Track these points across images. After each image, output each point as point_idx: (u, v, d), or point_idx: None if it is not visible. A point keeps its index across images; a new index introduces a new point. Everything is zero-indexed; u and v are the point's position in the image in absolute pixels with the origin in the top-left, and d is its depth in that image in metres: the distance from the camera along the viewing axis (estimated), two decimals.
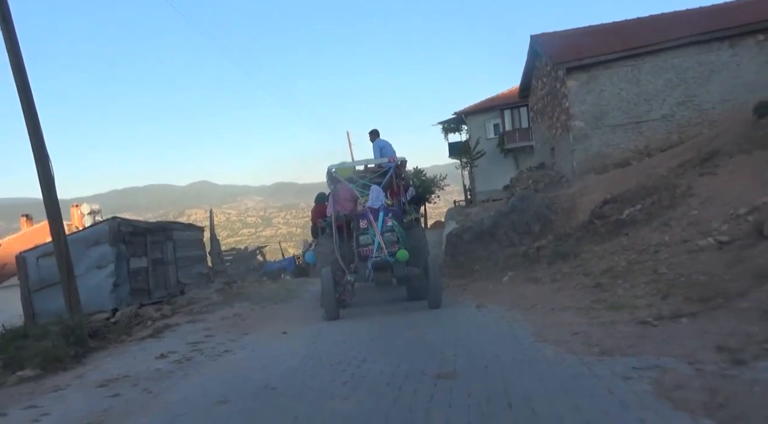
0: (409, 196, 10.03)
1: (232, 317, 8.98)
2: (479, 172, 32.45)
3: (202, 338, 6.77)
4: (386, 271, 7.89)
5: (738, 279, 4.55)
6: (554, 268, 9.00)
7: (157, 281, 13.26)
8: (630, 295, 5.37)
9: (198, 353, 5.69)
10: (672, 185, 9.79)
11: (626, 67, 15.27)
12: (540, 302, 6.71)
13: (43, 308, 11.50)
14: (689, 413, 2.41)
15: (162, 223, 14.92)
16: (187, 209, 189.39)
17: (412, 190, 10.49)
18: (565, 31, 18.11)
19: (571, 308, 5.65)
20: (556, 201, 13.71)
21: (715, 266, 5.28)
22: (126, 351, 6.37)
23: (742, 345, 3.11)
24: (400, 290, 9.18)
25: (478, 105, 34.07)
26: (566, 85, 15.77)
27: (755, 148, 9.33)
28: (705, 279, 4.96)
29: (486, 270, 11.53)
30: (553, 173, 17.87)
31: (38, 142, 8.15)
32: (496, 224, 13.89)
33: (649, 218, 9.16)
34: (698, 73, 14.90)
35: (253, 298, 12.24)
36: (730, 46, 14.66)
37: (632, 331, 4.06)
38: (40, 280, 11.56)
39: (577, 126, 15.72)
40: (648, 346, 3.52)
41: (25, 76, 8.31)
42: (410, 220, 9.31)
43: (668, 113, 15.17)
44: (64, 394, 4.36)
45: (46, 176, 8.02)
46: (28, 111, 8.21)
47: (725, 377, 2.75)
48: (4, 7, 7.99)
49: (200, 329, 7.64)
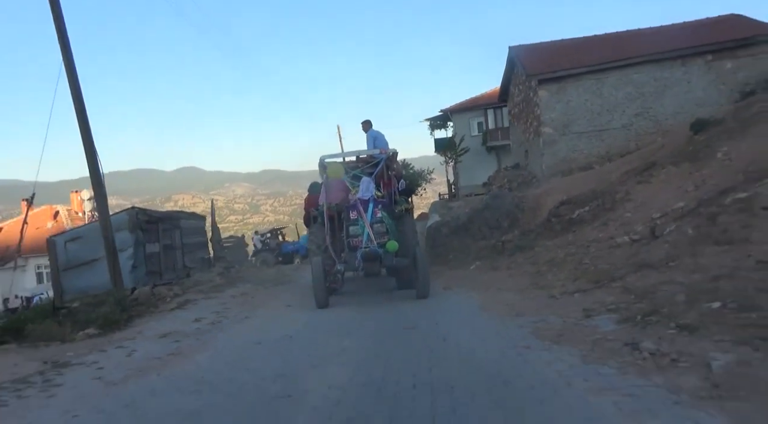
0: (401, 188, 10.05)
1: (240, 296, 10.61)
2: (463, 168, 34.08)
3: (222, 310, 8.41)
4: (375, 261, 7.99)
5: (625, 268, 6.29)
6: (512, 259, 10.72)
7: (167, 265, 14.88)
8: (555, 279, 7.10)
9: (224, 319, 7.35)
10: (614, 191, 11.54)
11: (592, 80, 17.00)
12: (494, 285, 8.41)
13: (70, 286, 13.10)
14: (545, 341, 4.13)
15: (171, 212, 16.47)
16: (174, 195, 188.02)
17: (404, 182, 10.46)
18: (539, 44, 19.81)
19: (512, 289, 7.37)
20: (524, 200, 15.45)
21: (619, 258, 7.02)
22: (162, 318, 8.00)
23: (596, 308, 4.83)
24: (390, 280, 9.54)
25: (463, 103, 35.68)
26: (538, 94, 17.48)
27: (683, 161, 11.08)
28: (606, 268, 6.70)
29: (459, 260, 13.21)
30: (526, 173, 19.63)
31: (88, 140, 9.57)
32: (470, 220, 15.64)
33: (593, 219, 10.90)
34: (654, 87, 16.68)
35: (253, 281, 13.86)
36: (682, 65, 16.45)
37: (543, 302, 5.79)
38: (68, 261, 13.13)
39: (546, 132, 17.46)
40: (545, 310, 5.25)
41: (71, 56, 9.63)
42: (400, 210, 9.37)
43: (627, 123, 16.95)
44: (135, 342, 6.00)
45: (96, 175, 9.49)
46: (76, 98, 9.55)
47: (575, 324, 4.47)
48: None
49: (217, 304, 9.28)
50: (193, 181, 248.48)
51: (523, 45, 19.77)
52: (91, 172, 9.66)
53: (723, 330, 3.38)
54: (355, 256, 8.16)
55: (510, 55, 20.06)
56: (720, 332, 3.36)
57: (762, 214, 5.85)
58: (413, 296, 7.82)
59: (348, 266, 8.27)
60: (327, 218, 8.96)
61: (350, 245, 8.57)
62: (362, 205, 8.63)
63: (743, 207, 6.21)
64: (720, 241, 5.88)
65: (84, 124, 9.49)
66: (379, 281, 9.62)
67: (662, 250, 6.46)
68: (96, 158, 9.59)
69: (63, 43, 9.50)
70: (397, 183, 9.98)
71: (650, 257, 6.41)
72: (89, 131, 9.66)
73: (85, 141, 9.65)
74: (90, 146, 9.73)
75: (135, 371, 4.52)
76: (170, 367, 4.62)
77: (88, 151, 9.64)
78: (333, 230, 8.95)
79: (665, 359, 3.14)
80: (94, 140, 9.74)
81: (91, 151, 9.64)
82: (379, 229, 8.45)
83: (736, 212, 6.22)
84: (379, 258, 7.96)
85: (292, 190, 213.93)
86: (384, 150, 9.92)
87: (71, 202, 35.29)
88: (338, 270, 8.36)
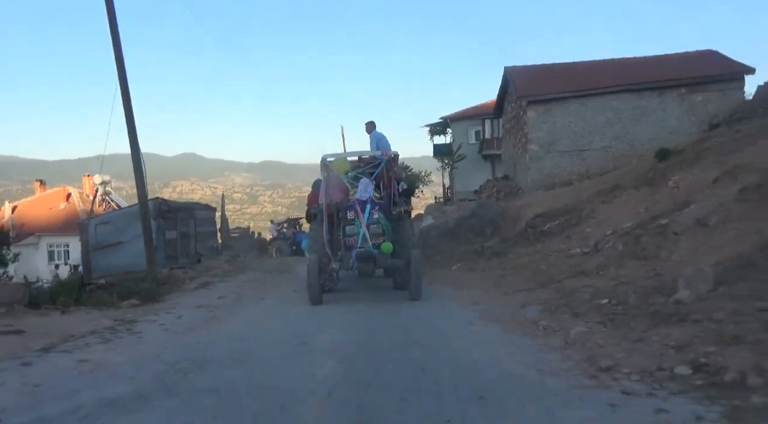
0: (401, 190, 10.11)
1: (251, 281, 12.21)
2: (459, 173, 35.73)
3: (238, 291, 10.03)
4: (369, 262, 8.12)
5: (566, 274, 7.94)
6: (488, 262, 12.36)
7: (182, 250, 16.48)
8: (514, 281, 8.75)
9: (243, 297, 9.00)
10: (582, 208, 13.20)
11: (576, 104, 18.67)
12: (467, 283, 10.03)
13: (97, 264, 14.69)
14: (486, 320, 5.79)
15: (188, 203, 18.11)
16: (173, 181, 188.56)
17: (404, 184, 10.52)
18: (531, 66, 21.48)
19: (479, 287, 9.01)
20: (507, 210, 17.10)
21: (567, 266, 8.67)
22: (189, 295, 9.62)
23: (531, 302, 6.49)
24: (387, 280, 9.89)
25: (462, 112, 37.32)
26: (527, 114, 19.15)
27: (643, 186, 12.71)
28: (554, 273, 8.35)
29: (444, 261, 14.82)
30: (513, 185, 21.30)
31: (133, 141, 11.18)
32: (458, 225, 17.35)
33: (561, 231, 12.55)
34: (632, 114, 18.35)
35: (260, 269, 15.50)
36: (658, 95, 18.13)
37: (496, 297, 7.45)
38: (97, 242, 14.73)
39: (533, 149, 19.13)
40: (495, 302, 6.91)
41: (118, 37, 11.19)
42: (399, 212, 9.47)
43: (606, 145, 18.62)
44: (177, 310, 7.62)
45: (138, 168, 11.09)
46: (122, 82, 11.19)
47: (512, 312, 6.14)
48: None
49: (233, 286, 10.91)
50: (192, 167, 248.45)
51: (517, 67, 21.44)
52: (135, 169, 11.29)
53: (596, 316, 5.02)
54: (350, 255, 8.31)
55: (505, 74, 21.71)
56: (593, 317, 5.01)
57: (671, 237, 7.50)
58: (407, 297, 8.07)
59: (343, 264, 8.43)
60: (326, 217, 9.08)
61: (346, 244, 8.69)
62: (360, 206, 8.70)
63: (661, 231, 7.87)
64: (639, 256, 7.53)
65: (131, 129, 11.12)
66: (375, 281, 9.89)
67: (598, 261, 8.12)
68: (140, 157, 11.21)
69: (113, 31, 11.06)
70: (397, 185, 10.02)
71: (587, 266, 8.08)
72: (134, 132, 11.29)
73: (131, 143, 11.30)
74: (134, 142, 11.37)
75: (189, 328, 6.16)
76: (213, 326, 6.26)
77: (133, 148, 11.29)
78: (331, 228, 9.08)
79: (550, 330, 4.79)
80: (138, 139, 11.37)
81: (135, 147, 11.27)
82: (375, 230, 8.53)
83: (655, 235, 7.88)
84: (373, 259, 8.13)
85: (292, 182, 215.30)
86: (385, 152, 10.04)
87: (83, 185, 36.79)
88: (333, 268, 8.51)
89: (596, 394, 3.30)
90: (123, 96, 11.25)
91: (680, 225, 7.74)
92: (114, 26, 11.08)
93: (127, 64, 11.19)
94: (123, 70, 11.28)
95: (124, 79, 11.31)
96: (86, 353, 4.79)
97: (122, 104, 11.24)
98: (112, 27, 11.09)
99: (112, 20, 11.00)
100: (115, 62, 11.22)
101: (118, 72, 11.31)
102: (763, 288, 4.34)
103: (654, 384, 3.25)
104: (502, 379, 3.68)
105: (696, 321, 4.01)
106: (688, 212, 8.10)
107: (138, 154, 11.31)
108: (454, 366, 4.11)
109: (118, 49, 11.19)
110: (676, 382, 3.21)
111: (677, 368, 3.31)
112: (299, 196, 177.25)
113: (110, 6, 10.99)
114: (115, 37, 11.15)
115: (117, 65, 11.25)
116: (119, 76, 11.33)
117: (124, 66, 11.30)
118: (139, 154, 11.35)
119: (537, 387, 3.51)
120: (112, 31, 11.08)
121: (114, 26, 11.08)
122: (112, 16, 11.02)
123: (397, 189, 9.89)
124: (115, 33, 11.13)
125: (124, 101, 11.31)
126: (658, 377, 3.31)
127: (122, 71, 11.28)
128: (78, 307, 8.22)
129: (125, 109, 11.23)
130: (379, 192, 9.57)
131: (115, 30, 11.09)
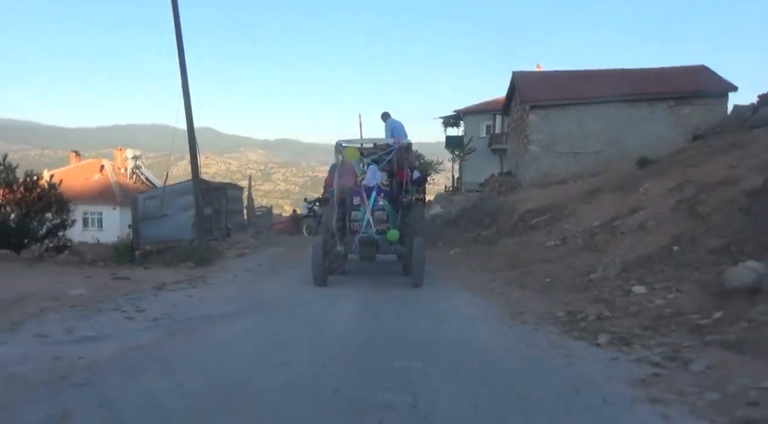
0: (414, 178, 10.31)
1: (278, 255, 14.41)
2: (469, 165, 37.67)
3: (271, 261, 12.24)
4: (371, 247, 8.53)
5: (535, 260, 10.04)
6: (481, 249, 14.45)
7: (215, 225, 18.77)
8: (495, 264, 10.84)
9: (277, 266, 11.21)
10: (566, 206, 15.21)
11: (574, 110, 20.55)
12: (460, 265, 12.14)
13: (145, 234, 17.01)
14: (463, 290, 7.94)
15: (222, 183, 20.36)
16: (188, 154, 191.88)
17: (417, 172, 10.74)
18: (536, 72, 23.40)
19: (468, 267, 11.13)
20: (505, 204, 19.15)
21: (539, 255, 10.74)
22: (233, 262, 11.84)
23: (499, 278, 8.60)
24: (397, 265, 10.27)
25: (475, 106, 39.14)
26: (529, 117, 21.06)
27: (618, 190, 14.66)
28: (527, 259, 10.44)
29: (445, 246, 16.91)
30: (514, 181, 23.30)
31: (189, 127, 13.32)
32: (460, 216, 19.46)
33: (545, 226, 14.59)
34: (624, 122, 20.20)
35: (283, 244, 17.78)
36: (648, 106, 19.96)
37: (477, 275, 9.57)
38: (145, 215, 17.01)
39: (533, 150, 21.08)
40: (475, 278, 9.06)
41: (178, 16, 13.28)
42: (410, 199, 9.73)
43: (599, 149, 20.52)
44: (230, 272, 9.82)
45: (193, 155, 13.26)
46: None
47: (483, 284, 8.27)
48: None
49: (266, 257, 13.14)
50: (208, 142, 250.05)
51: (524, 72, 23.35)
52: (190, 147, 13.51)
53: (536, 288, 7.14)
54: (353, 239, 8.71)
55: (513, 78, 23.59)
56: (534, 288, 7.14)
57: (619, 236, 9.56)
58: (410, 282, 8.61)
59: (347, 248, 8.80)
60: (337, 201, 9.39)
61: (351, 229, 9.06)
62: (366, 192, 8.98)
63: (612, 230, 9.94)
64: (592, 249, 9.61)
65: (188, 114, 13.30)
66: (385, 266, 10.60)
67: (561, 252, 10.21)
68: (194, 139, 13.41)
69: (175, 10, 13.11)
70: (411, 173, 10.15)
71: (553, 255, 10.17)
72: (190, 112, 13.47)
73: (188, 122, 13.49)
74: (190, 125, 13.57)
75: (247, 282, 8.42)
76: (264, 282, 8.52)
77: (190, 131, 13.48)
78: (342, 212, 9.39)
79: (501, 295, 6.93)
80: (193, 117, 13.56)
81: (191, 131, 13.46)
82: (379, 216, 8.85)
83: (608, 233, 9.95)
84: (375, 244, 8.52)
85: (306, 161, 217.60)
86: (398, 140, 10.24)
87: (114, 158, 39.22)
88: (338, 251, 8.87)
89: (506, 322, 5.53)
90: (183, 88, 13.42)
91: (627, 227, 9.80)
92: (175, 4, 13.14)
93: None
94: (183, 58, 13.43)
95: (183, 68, 13.49)
96: (188, 292, 7.05)
97: (182, 96, 13.46)
98: (174, 5, 13.16)
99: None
100: (176, 42, 13.28)
101: (179, 59, 13.48)
102: (646, 274, 6.40)
103: (540, 320, 5.41)
104: (457, 316, 5.95)
105: (590, 290, 6.11)
106: (636, 216, 10.14)
107: (194, 143, 13.46)
108: (429, 309, 6.35)
109: (178, 30, 13.25)
110: (553, 320, 5.37)
111: (558, 313, 5.43)
112: (312, 176, 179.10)
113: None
114: (176, 15, 13.21)
115: (178, 49, 13.38)
116: (180, 65, 13.50)
117: (183, 55, 13.44)
118: (195, 142, 13.49)
119: (475, 319, 5.76)
120: (175, 11, 13.14)
121: (175, 4, 13.14)
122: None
123: (410, 177, 10.03)
124: (176, 11, 13.19)
125: (183, 88, 13.50)
126: (545, 318, 5.46)
127: (182, 60, 13.44)
128: (149, 265, 10.49)
129: (185, 101, 13.42)
130: (390, 180, 9.77)
131: (176, 8, 13.14)
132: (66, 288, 6.53)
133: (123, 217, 30.03)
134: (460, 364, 4.14)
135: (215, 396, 3.33)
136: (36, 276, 7.84)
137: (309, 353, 4.36)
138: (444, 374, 3.85)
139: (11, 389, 3.33)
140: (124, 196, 32.53)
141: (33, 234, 13.80)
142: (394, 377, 3.78)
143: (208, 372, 3.84)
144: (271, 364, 4.08)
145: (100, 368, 3.87)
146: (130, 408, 3.16)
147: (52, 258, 11.71)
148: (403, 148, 10.00)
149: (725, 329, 4.20)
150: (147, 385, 3.55)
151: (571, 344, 4.61)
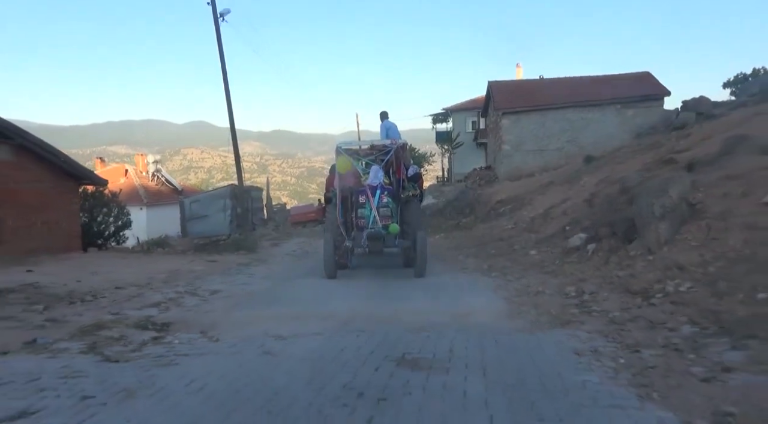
0: (410, 174, 10.91)
1: (303, 244, 18.43)
2: (457, 158, 41.58)
3: (300, 248, 16.26)
4: (378, 241, 9.07)
5: (493, 239, 14.11)
6: (459, 233, 18.48)
7: (244, 221, 22.83)
8: (465, 244, 14.88)
9: (307, 252, 15.22)
10: (526, 197, 19.24)
11: (538, 115, 24.55)
12: (441, 245, 16.18)
13: (192, 230, 21.08)
14: (437, 262, 11.96)
15: (250, 187, 24.35)
16: (183, 148, 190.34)
17: (413, 169, 11.26)
18: (508, 82, 27.31)
19: (445, 247, 15.19)
20: (481, 196, 23.17)
21: (497, 236, 14.80)
22: (271, 249, 15.90)
23: (465, 252, 12.64)
24: (398, 258, 10.94)
25: (462, 104, 43.00)
26: (502, 121, 25.05)
27: (565, 183, 18.67)
28: (488, 239, 14.51)
29: (432, 232, 20.73)
30: (492, 174, 27.33)
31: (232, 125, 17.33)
32: (445, 206, 23.53)
33: (509, 213, 18.61)
34: (580, 123, 24.21)
35: (302, 235, 21.86)
36: (599, 110, 23.97)
37: (450, 251, 13.63)
38: (190, 215, 21.07)
39: (505, 149, 25.11)
40: (448, 253, 13.08)
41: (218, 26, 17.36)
42: (407, 195, 10.31)
43: (560, 147, 24.55)
44: (276, 258, 13.83)
45: (236, 154, 17.25)
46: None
47: (453, 258, 12.31)
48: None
49: (294, 245, 17.19)
50: (203, 136, 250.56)
51: (497, 81, 27.28)
52: (234, 150, 17.48)
53: (482, 256, 11.20)
54: (361, 235, 9.31)
55: (488, 87, 27.55)
56: (481, 256, 11.20)
57: (549, 220, 13.62)
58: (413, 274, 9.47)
59: (355, 243, 9.41)
60: (340, 200, 9.97)
61: (358, 225, 9.66)
62: (371, 191, 9.57)
63: (546, 216, 14.01)
64: (531, 230, 13.67)
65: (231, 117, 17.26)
66: (388, 259, 11.06)
67: (511, 233, 14.28)
68: (236, 143, 17.39)
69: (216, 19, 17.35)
70: (406, 171, 10.76)
71: (505, 235, 14.25)
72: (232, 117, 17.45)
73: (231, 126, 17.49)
74: (233, 129, 17.56)
75: (294, 261, 12.40)
76: (304, 261, 12.57)
77: (233, 134, 17.50)
78: (345, 210, 10.04)
79: (460, 262, 11.00)
80: (235, 123, 17.57)
81: (233, 135, 17.47)
82: (384, 212, 9.46)
83: (543, 218, 14.02)
84: (382, 238, 9.09)
85: (302, 152, 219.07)
86: (395, 141, 10.73)
87: (136, 163, 43.12)
88: (347, 246, 9.52)
89: (457, 273, 9.53)
90: (224, 86, 17.44)
91: (555, 213, 13.86)
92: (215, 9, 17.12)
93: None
94: (223, 61, 17.39)
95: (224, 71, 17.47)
96: (265, 268, 11.08)
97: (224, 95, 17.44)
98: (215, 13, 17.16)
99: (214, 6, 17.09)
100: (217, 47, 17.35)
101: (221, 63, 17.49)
102: (544, 244, 10.46)
103: (474, 271, 9.44)
104: (433, 273, 9.88)
105: (510, 255, 10.20)
106: (564, 205, 14.20)
107: (236, 146, 17.45)
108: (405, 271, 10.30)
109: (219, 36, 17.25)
110: (480, 270, 9.47)
111: (483, 267, 9.51)
112: (309, 166, 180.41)
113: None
114: (217, 25, 17.24)
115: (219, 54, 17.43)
116: (222, 68, 17.50)
117: (224, 59, 17.38)
118: (237, 145, 17.48)
119: (443, 273, 9.73)
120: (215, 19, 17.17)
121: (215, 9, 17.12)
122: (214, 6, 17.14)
123: (406, 174, 10.69)
124: (216, 20, 17.21)
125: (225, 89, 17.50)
126: (478, 270, 9.49)
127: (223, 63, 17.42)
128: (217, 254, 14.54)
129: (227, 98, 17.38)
130: (389, 178, 10.33)
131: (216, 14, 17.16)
132: (193, 266, 10.56)
133: (149, 217, 33.71)
134: (433, 286, 8.24)
135: (309, 307, 7.29)
136: (166, 262, 11.79)
137: (346, 300, 8.26)
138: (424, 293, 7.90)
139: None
140: (149, 197, 36.35)
141: (104, 234, 18.23)
142: (401, 294, 7.82)
143: (303, 300, 7.80)
144: (332, 299, 7.90)
145: (256, 294, 7.99)
146: (278, 300, 7.33)
147: (152, 250, 15.77)
148: (400, 147, 10.64)
149: (561, 268, 8.31)
150: (279, 297, 7.68)
151: (483, 277, 8.79)
